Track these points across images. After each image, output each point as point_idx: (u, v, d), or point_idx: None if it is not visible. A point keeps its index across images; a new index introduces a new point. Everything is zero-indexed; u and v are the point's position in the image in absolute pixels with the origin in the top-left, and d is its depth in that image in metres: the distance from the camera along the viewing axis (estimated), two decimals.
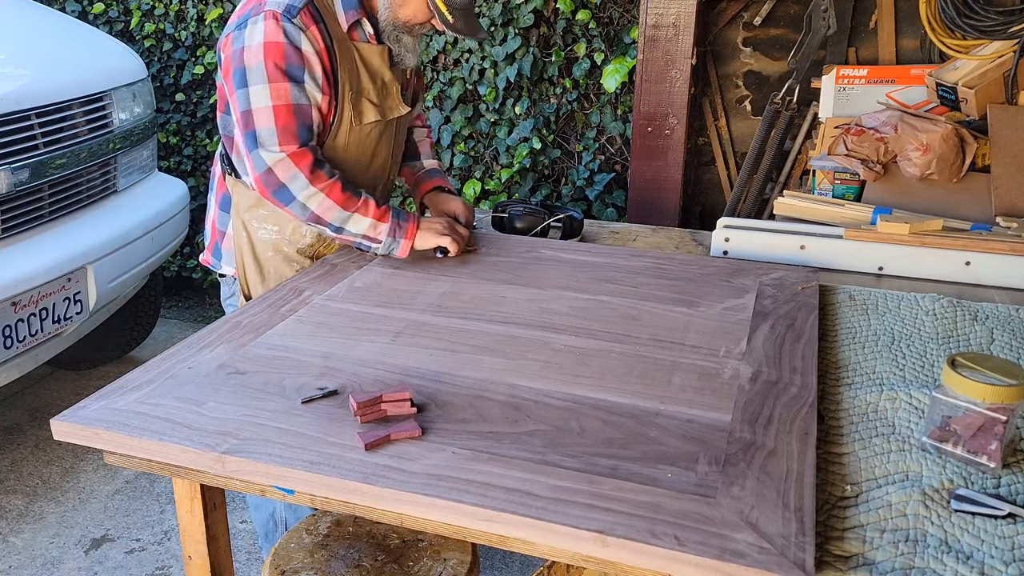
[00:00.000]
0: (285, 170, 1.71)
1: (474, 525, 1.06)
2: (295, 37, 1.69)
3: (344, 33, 1.79)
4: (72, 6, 4.06)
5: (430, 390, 1.31)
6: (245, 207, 1.88)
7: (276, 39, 1.68)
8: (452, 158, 3.68)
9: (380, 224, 1.78)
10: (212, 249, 2.00)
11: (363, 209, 1.77)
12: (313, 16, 1.73)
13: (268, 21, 1.68)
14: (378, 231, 1.78)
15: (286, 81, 1.69)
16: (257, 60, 1.69)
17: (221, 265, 1.98)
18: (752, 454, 1.14)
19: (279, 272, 1.90)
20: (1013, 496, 1.09)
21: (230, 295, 2.02)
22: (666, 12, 2.92)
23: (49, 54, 2.91)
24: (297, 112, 1.71)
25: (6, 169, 2.45)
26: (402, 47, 1.86)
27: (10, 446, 2.90)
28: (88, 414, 1.24)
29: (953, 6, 2.49)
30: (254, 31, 1.69)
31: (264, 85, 1.69)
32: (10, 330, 2.44)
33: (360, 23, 1.81)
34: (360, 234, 1.78)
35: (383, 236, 1.79)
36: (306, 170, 1.71)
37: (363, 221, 1.77)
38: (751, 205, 3.08)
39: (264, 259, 1.89)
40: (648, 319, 1.58)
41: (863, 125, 2.32)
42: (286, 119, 1.70)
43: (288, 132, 1.71)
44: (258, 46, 1.68)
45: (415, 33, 1.86)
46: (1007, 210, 2.12)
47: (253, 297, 1.91)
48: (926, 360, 1.44)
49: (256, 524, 2.10)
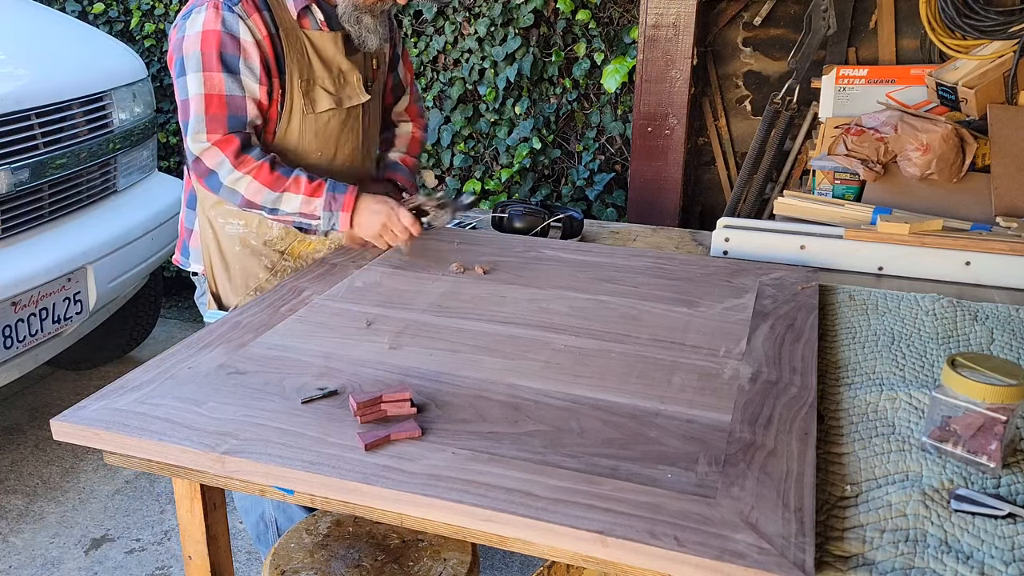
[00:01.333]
0: (212, 157, 1.70)
1: (474, 525, 1.06)
2: (232, 26, 1.68)
3: (294, 21, 1.77)
4: (72, 6, 4.05)
5: (430, 390, 1.31)
6: (210, 203, 1.85)
7: (214, 27, 1.67)
8: (452, 158, 3.68)
9: (313, 199, 1.74)
10: (181, 247, 1.98)
11: (293, 187, 1.73)
12: (256, 4, 1.71)
13: (209, 10, 1.68)
14: (312, 207, 1.74)
15: (219, 71, 1.69)
16: (194, 49, 1.68)
17: (190, 263, 1.96)
18: (752, 454, 1.14)
19: (245, 268, 1.87)
20: (1013, 496, 1.08)
21: (201, 293, 2.01)
22: (666, 12, 2.92)
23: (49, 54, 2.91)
24: (229, 102, 1.70)
25: (6, 169, 2.45)
26: (363, 28, 1.82)
27: (10, 446, 2.90)
28: (88, 414, 1.24)
29: (953, 6, 2.49)
30: (196, 20, 1.69)
31: (198, 74, 1.69)
32: (10, 330, 2.44)
33: (310, 10, 1.78)
34: (295, 212, 1.75)
35: (319, 211, 1.75)
36: (231, 155, 1.70)
37: (295, 199, 1.73)
38: (751, 205, 3.08)
39: (230, 255, 1.87)
40: (648, 319, 1.58)
41: (863, 125, 2.32)
42: (216, 108, 1.69)
43: (216, 121, 1.70)
44: (196, 35, 1.68)
45: (375, 12, 1.82)
46: (1007, 210, 2.12)
47: (220, 295, 1.90)
48: (926, 360, 1.44)
49: (247, 527, 2.09)
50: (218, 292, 1.91)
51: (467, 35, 3.53)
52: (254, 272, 1.88)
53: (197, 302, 2.04)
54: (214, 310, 1.88)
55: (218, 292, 1.91)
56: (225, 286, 1.89)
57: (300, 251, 1.90)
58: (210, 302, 1.91)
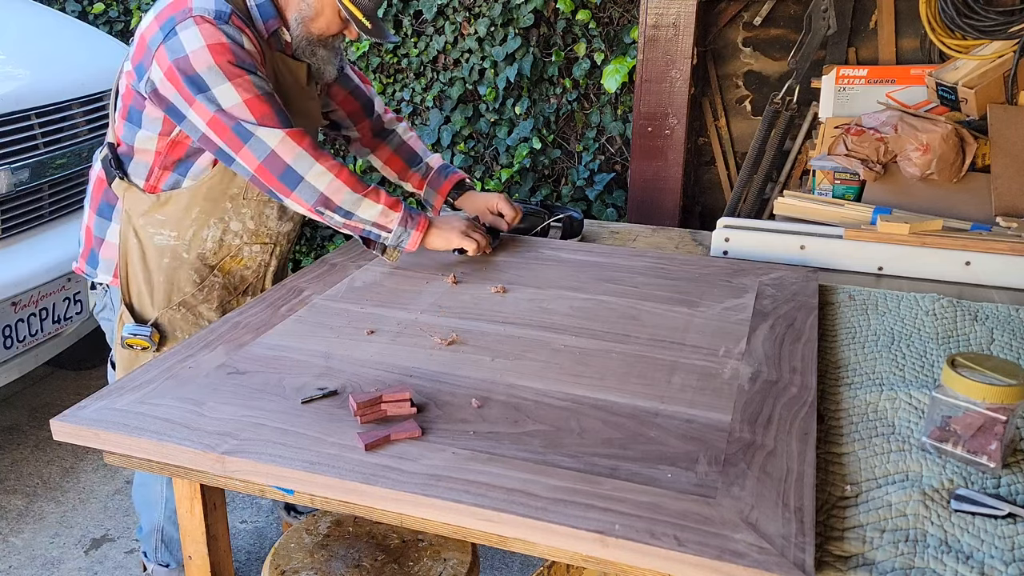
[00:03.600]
0: (288, 150, 1.63)
1: (474, 525, 1.06)
2: (236, 35, 1.64)
3: (265, 41, 1.75)
4: (72, 6, 4.06)
5: (430, 390, 1.31)
6: (139, 212, 1.79)
7: (219, 39, 1.61)
8: (452, 158, 3.68)
9: (392, 212, 1.71)
10: (87, 257, 1.90)
11: (374, 194, 1.70)
12: (243, 21, 1.68)
13: (202, 25, 1.61)
14: (390, 219, 1.71)
15: (246, 74, 1.63)
16: (208, 63, 1.61)
17: (96, 274, 1.89)
18: (752, 454, 1.14)
19: (170, 280, 1.82)
20: (1013, 496, 1.08)
21: (102, 307, 1.94)
22: (666, 12, 2.92)
23: (49, 54, 2.91)
24: (268, 99, 1.65)
25: (6, 169, 2.45)
26: (319, 60, 1.82)
27: (10, 446, 2.90)
28: (88, 414, 1.24)
29: (953, 6, 2.49)
30: (188, 37, 1.61)
31: (227, 84, 1.61)
32: (10, 330, 2.44)
33: (279, 32, 1.76)
34: (371, 220, 1.71)
35: (394, 225, 1.72)
36: (309, 148, 1.65)
37: (375, 207, 1.70)
38: (751, 205, 3.08)
39: (155, 267, 1.82)
40: (648, 319, 1.58)
41: (863, 125, 2.32)
42: (262, 108, 1.63)
43: (269, 118, 1.64)
44: (202, 49, 1.61)
45: (329, 45, 1.82)
46: (1007, 210, 2.12)
47: (137, 307, 1.84)
48: (926, 360, 1.44)
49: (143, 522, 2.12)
50: (133, 304, 1.85)
51: (467, 35, 3.53)
52: (180, 285, 1.83)
53: (97, 316, 1.97)
54: (131, 323, 1.83)
55: (133, 304, 1.85)
56: (144, 299, 1.84)
57: (230, 267, 1.87)
58: (124, 315, 1.84)
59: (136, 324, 1.83)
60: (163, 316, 1.84)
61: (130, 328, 1.82)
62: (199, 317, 1.86)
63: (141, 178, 1.79)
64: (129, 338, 1.82)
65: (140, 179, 1.80)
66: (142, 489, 2.07)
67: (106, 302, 1.93)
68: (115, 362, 1.91)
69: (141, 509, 2.10)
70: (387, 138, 2.13)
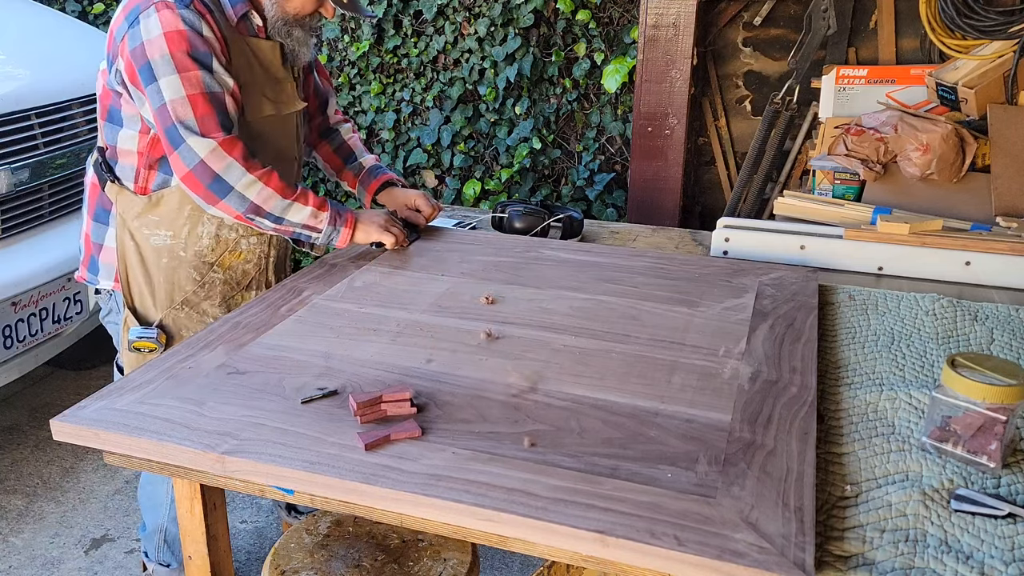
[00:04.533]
0: (218, 159, 1.64)
1: (474, 525, 1.06)
2: (195, 23, 1.63)
3: (233, 27, 1.74)
4: (72, 6, 4.05)
5: (430, 390, 1.31)
6: (133, 215, 1.79)
7: (176, 27, 1.61)
8: (452, 158, 3.68)
9: (320, 212, 1.75)
10: (87, 263, 1.90)
11: (302, 198, 1.73)
12: (207, 5, 1.67)
13: (162, 12, 1.61)
14: (319, 219, 1.76)
15: (196, 69, 1.63)
16: (162, 52, 1.61)
17: (98, 280, 1.89)
18: (752, 454, 1.14)
19: (170, 280, 1.83)
20: (1013, 496, 1.09)
21: (107, 312, 1.94)
22: (666, 12, 2.92)
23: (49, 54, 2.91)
24: (212, 100, 1.64)
25: (6, 169, 2.45)
26: (294, 41, 1.81)
27: (10, 446, 2.90)
28: (88, 414, 1.24)
29: (953, 6, 2.49)
30: (149, 25, 1.61)
31: (175, 76, 1.61)
32: (10, 330, 2.44)
33: (248, 16, 1.76)
34: (301, 223, 1.75)
35: (323, 225, 1.77)
36: (240, 158, 1.66)
37: (304, 209, 1.74)
38: (751, 205, 3.08)
39: (154, 268, 1.82)
40: (648, 319, 1.58)
41: (863, 125, 2.32)
42: (204, 108, 1.63)
43: (209, 121, 1.64)
44: (159, 37, 1.61)
45: (305, 26, 1.82)
46: (1007, 210, 2.12)
47: (140, 310, 1.84)
48: (926, 360, 1.44)
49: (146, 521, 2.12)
50: (136, 307, 1.85)
51: (467, 35, 3.53)
52: (180, 284, 1.83)
53: (103, 321, 1.97)
54: (136, 327, 1.83)
55: (136, 307, 1.85)
56: (146, 301, 1.84)
57: (230, 262, 1.87)
58: (129, 319, 1.84)
59: (141, 327, 1.83)
60: (167, 317, 1.84)
61: (136, 331, 1.82)
62: (203, 315, 1.87)
63: (130, 180, 1.79)
64: (136, 341, 1.82)
65: (129, 181, 1.79)
66: (148, 488, 2.07)
67: (111, 307, 1.93)
68: (122, 366, 1.91)
69: (145, 508, 2.10)
70: (330, 137, 2.16)
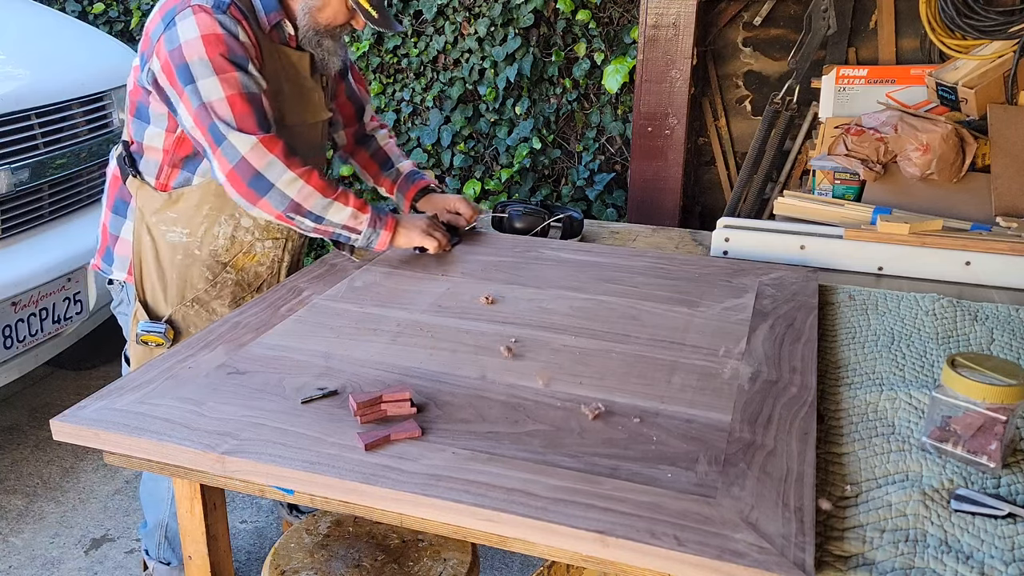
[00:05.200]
0: (259, 157, 1.64)
1: (474, 525, 1.06)
2: (232, 27, 1.64)
3: (266, 34, 1.75)
4: (72, 6, 4.06)
5: (430, 390, 1.31)
6: (151, 210, 1.81)
7: (213, 30, 1.63)
8: (452, 158, 3.68)
9: (361, 214, 1.74)
10: (103, 253, 1.92)
11: (343, 198, 1.73)
12: (242, 11, 1.68)
13: (199, 15, 1.63)
14: (359, 220, 1.74)
15: (234, 71, 1.64)
16: (199, 54, 1.62)
17: (112, 270, 1.91)
18: (752, 454, 1.14)
19: (183, 277, 1.84)
20: (1013, 496, 1.08)
21: (119, 303, 1.96)
22: (666, 12, 2.92)
23: (49, 54, 2.91)
24: (251, 100, 1.65)
25: (6, 169, 2.45)
26: (324, 51, 1.83)
27: (10, 446, 2.90)
28: (88, 414, 1.24)
29: (953, 6, 2.49)
30: (186, 27, 1.63)
31: (213, 78, 1.63)
32: (10, 330, 2.44)
33: (281, 25, 1.77)
34: (341, 224, 1.73)
35: (364, 226, 1.75)
36: (281, 155, 1.66)
37: (344, 210, 1.72)
38: (751, 205, 3.08)
39: (168, 264, 1.83)
40: (648, 319, 1.58)
41: (863, 125, 2.32)
42: (242, 108, 1.64)
43: (247, 119, 1.64)
44: (196, 40, 1.62)
45: (336, 36, 1.83)
46: (1007, 210, 2.12)
47: (151, 304, 1.86)
48: (926, 360, 1.44)
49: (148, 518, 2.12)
50: (147, 301, 1.86)
51: (467, 35, 3.53)
52: (192, 282, 1.84)
53: (115, 311, 1.99)
54: (146, 320, 1.84)
55: (147, 301, 1.86)
56: (157, 295, 1.85)
57: (243, 264, 1.87)
58: (139, 312, 1.86)
59: (150, 321, 1.84)
60: (177, 313, 1.85)
61: (144, 325, 1.84)
62: (212, 313, 1.87)
63: (152, 176, 1.81)
64: (143, 335, 1.83)
65: (151, 177, 1.81)
66: (149, 483, 2.07)
67: (123, 297, 1.95)
68: (129, 357, 1.92)
69: (147, 504, 2.10)
70: (367, 143, 2.17)
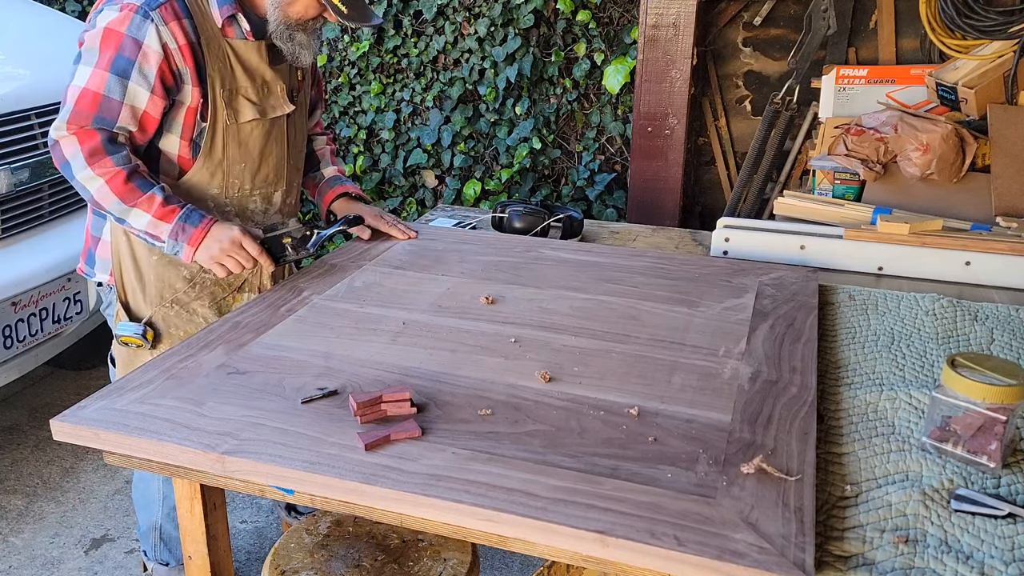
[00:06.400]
0: (68, 147, 1.68)
1: (474, 525, 1.06)
2: (138, 30, 1.66)
3: (216, 29, 1.75)
4: (72, 6, 4.06)
5: (430, 390, 1.31)
6: None
7: (118, 28, 1.65)
8: (452, 158, 3.68)
9: (161, 223, 1.70)
10: (86, 256, 1.92)
11: (145, 204, 1.69)
12: (176, 12, 1.69)
13: (123, 11, 1.66)
14: (159, 230, 1.71)
15: (107, 71, 1.66)
16: (94, 43, 1.66)
17: (95, 273, 1.90)
18: (752, 454, 1.14)
19: (161, 277, 1.83)
20: (1013, 496, 1.09)
21: (107, 305, 1.95)
22: (666, 12, 2.92)
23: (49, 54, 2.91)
24: (102, 103, 1.67)
25: (6, 169, 2.45)
26: (296, 45, 1.81)
27: (10, 446, 2.90)
28: (88, 414, 1.24)
29: (953, 6, 2.49)
30: (105, 16, 1.67)
31: (89, 67, 1.66)
32: (10, 330, 2.44)
33: (236, 19, 1.77)
34: (142, 229, 1.72)
35: (165, 236, 1.72)
36: (86, 152, 1.67)
37: (143, 216, 1.69)
38: (751, 205, 3.08)
39: (145, 265, 1.83)
40: (648, 319, 1.58)
41: (863, 125, 2.32)
42: (86, 104, 1.66)
43: (81, 116, 1.66)
44: (99, 30, 1.66)
45: (308, 30, 1.81)
46: (1007, 210, 2.12)
47: (131, 305, 1.85)
48: (926, 360, 1.44)
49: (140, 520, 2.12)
50: (128, 302, 1.86)
51: (467, 35, 3.53)
52: (171, 283, 1.84)
53: (104, 313, 1.99)
54: (124, 321, 1.83)
55: (128, 302, 1.86)
56: (137, 296, 1.84)
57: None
58: (119, 312, 1.85)
59: (128, 322, 1.83)
60: (156, 314, 1.84)
61: (122, 326, 1.83)
62: (193, 314, 1.86)
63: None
64: (122, 336, 1.83)
65: None
66: (140, 486, 2.07)
67: (110, 299, 1.94)
68: (114, 357, 1.91)
69: (139, 506, 2.10)
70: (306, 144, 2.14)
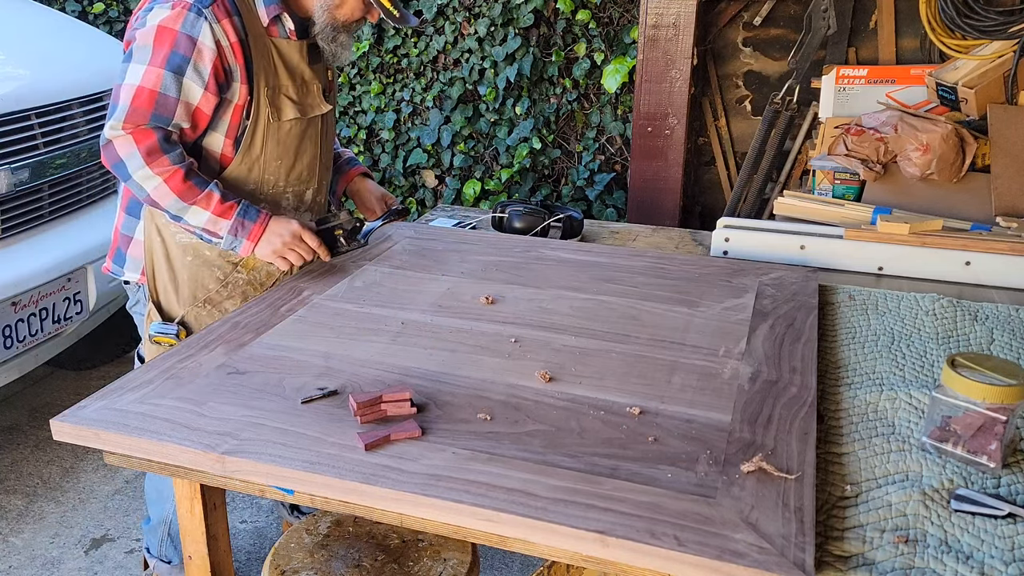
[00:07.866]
0: (124, 146, 1.68)
1: (474, 525, 1.06)
2: (192, 27, 1.67)
3: (262, 29, 1.77)
4: (72, 6, 4.06)
5: (430, 390, 1.31)
6: (161, 212, 1.80)
7: (172, 26, 1.67)
8: (452, 158, 3.68)
9: (220, 220, 1.73)
10: (114, 255, 1.93)
11: (204, 202, 1.72)
12: (227, 9, 1.71)
13: (175, 9, 1.67)
14: (218, 227, 1.74)
15: (163, 68, 1.67)
16: (147, 41, 1.67)
17: (123, 272, 1.91)
18: (752, 454, 1.14)
19: (194, 278, 1.84)
20: (1013, 496, 1.09)
21: (135, 303, 1.97)
22: (666, 12, 2.92)
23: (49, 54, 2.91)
24: (158, 100, 1.68)
25: (6, 169, 2.45)
26: (338, 45, 1.85)
27: (10, 446, 2.90)
28: (88, 414, 1.24)
29: (953, 6, 2.49)
30: (157, 14, 1.68)
31: (143, 65, 1.67)
32: (10, 330, 2.43)
33: (280, 18, 1.79)
34: (199, 226, 1.74)
35: (223, 232, 1.74)
36: (143, 151, 1.68)
37: (202, 214, 1.72)
38: (751, 205, 3.08)
39: (179, 265, 1.84)
40: (648, 319, 1.58)
41: (863, 125, 2.32)
42: (143, 102, 1.67)
43: (138, 114, 1.67)
44: (152, 28, 1.67)
45: (351, 30, 1.86)
46: (1007, 210, 2.12)
47: (163, 305, 1.86)
48: (926, 360, 1.44)
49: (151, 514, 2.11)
50: (160, 302, 1.87)
51: (467, 35, 3.53)
52: (204, 283, 1.84)
53: (131, 310, 2.00)
54: (158, 322, 1.85)
55: (160, 302, 1.87)
56: (170, 296, 1.85)
57: (254, 263, 1.87)
58: (152, 312, 1.86)
59: (162, 323, 1.85)
60: (189, 314, 1.85)
61: (156, 327, 1.84)
62: (225, 314, 1.86)
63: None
64: (156, 336, 1.84)
65: None
66: (155, 479, 2.06)
67: (139, 297, 1.95)
68: (143, 356, 1.92)
69: (151, 500, 2.10)
70: None
